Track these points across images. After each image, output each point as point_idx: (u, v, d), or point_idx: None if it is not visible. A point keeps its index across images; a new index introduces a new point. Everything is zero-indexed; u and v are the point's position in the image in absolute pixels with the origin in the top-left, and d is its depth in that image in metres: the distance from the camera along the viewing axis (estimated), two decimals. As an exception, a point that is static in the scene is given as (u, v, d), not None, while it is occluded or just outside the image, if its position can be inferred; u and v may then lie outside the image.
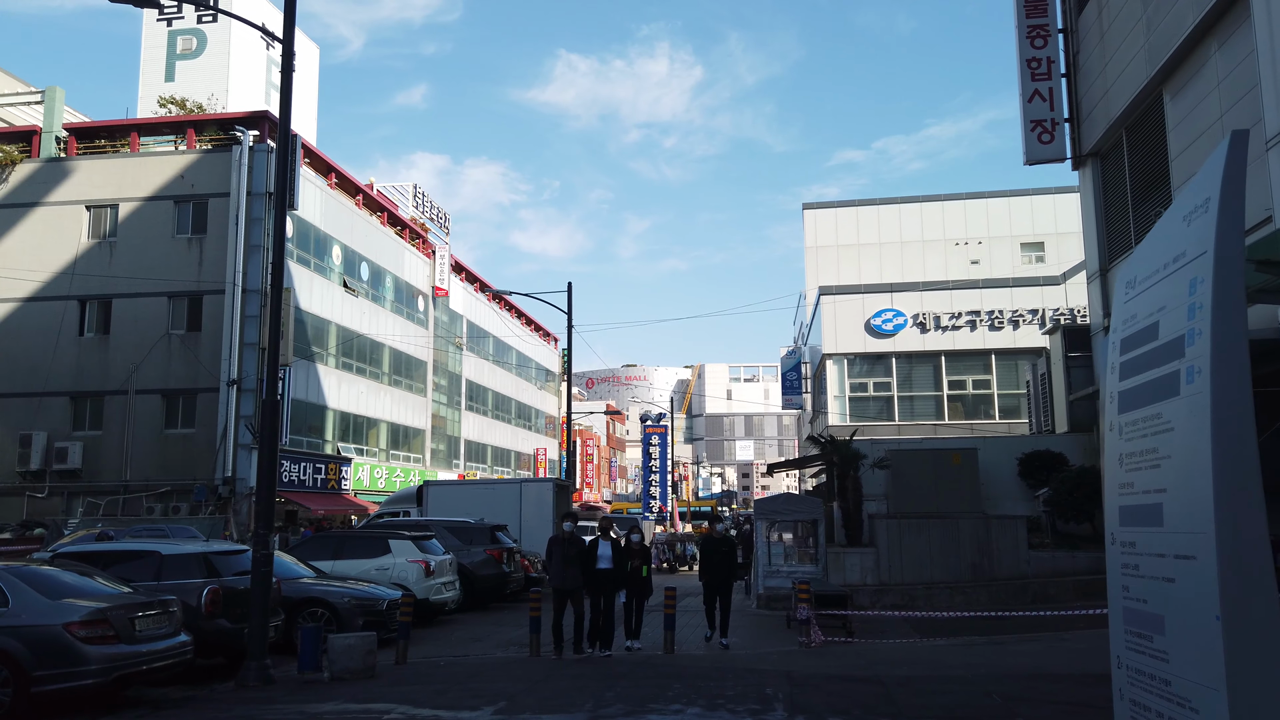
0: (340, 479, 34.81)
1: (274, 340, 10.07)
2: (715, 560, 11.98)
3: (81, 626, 7.63)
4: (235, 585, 10.02)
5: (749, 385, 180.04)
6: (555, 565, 11.21)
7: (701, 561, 12.28)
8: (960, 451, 17.47)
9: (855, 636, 11.71)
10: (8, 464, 30.65)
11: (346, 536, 15.01)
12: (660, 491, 30.39)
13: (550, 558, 11.39)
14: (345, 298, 37.02)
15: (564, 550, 11.18)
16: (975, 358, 29.96)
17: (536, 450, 64.92)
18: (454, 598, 14.95)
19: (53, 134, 33.03)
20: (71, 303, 31.67)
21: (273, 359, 9.94)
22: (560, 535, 11.49)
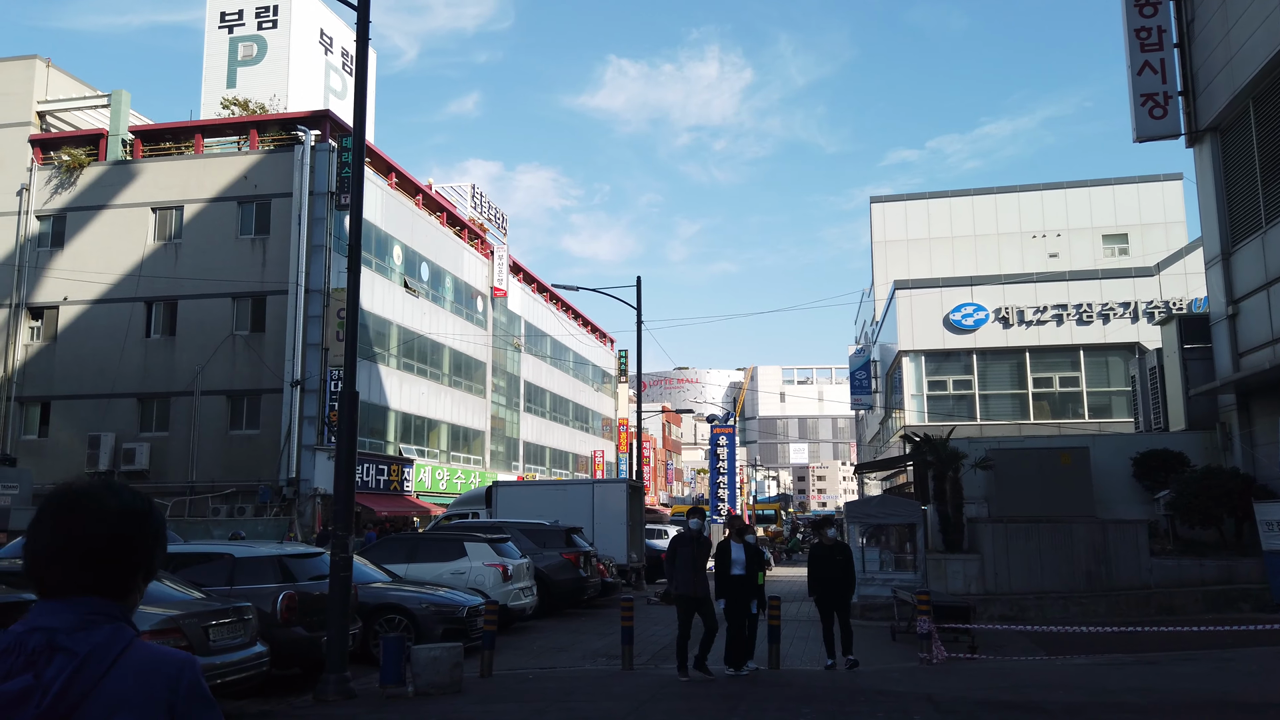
0: (403, 480, 34.44)
1: (351, 335, 9.39)
2: (830, 571, 10.46)
3: (153, 636, 6.95)
4: (311, 590, 9.33)
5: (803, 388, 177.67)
6: (681, 569, 9.78)
7: (813, 573, 10.77)
8: (1070, 450, 16.21)
9: (978, 652, 10.63)
10: (77, 465, 30.77)
11: (420, 539, 14.33)
12: (728, 494, 29.38)
13: (674, 560, 9.97)
14: (406, 298, 36.70)
15: (693, 551, 9.84)
16: (1062, 353, 28.42)
17: (594, 452, 64.29)
18: (531, 604, 14.17)
19: (119, 137, 33.23)
20: (138, 304, 31.75)
21: (350, 354, 9.25)
22: (688, 534, 10.11)
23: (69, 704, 1.50)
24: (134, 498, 1.70)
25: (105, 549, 1.62)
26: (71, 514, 1.63)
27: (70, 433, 31.35)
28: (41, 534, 1.64)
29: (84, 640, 1.55)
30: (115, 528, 1.64)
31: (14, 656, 1.52)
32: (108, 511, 1.64)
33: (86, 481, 1.73)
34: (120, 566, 1.64)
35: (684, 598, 9.82)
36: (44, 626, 1.55)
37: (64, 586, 1.60)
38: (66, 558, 1.60)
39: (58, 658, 1.52)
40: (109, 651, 1.55)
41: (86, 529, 1.62)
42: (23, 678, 1.50)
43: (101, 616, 1.59)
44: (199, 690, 1.60)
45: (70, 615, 1.57)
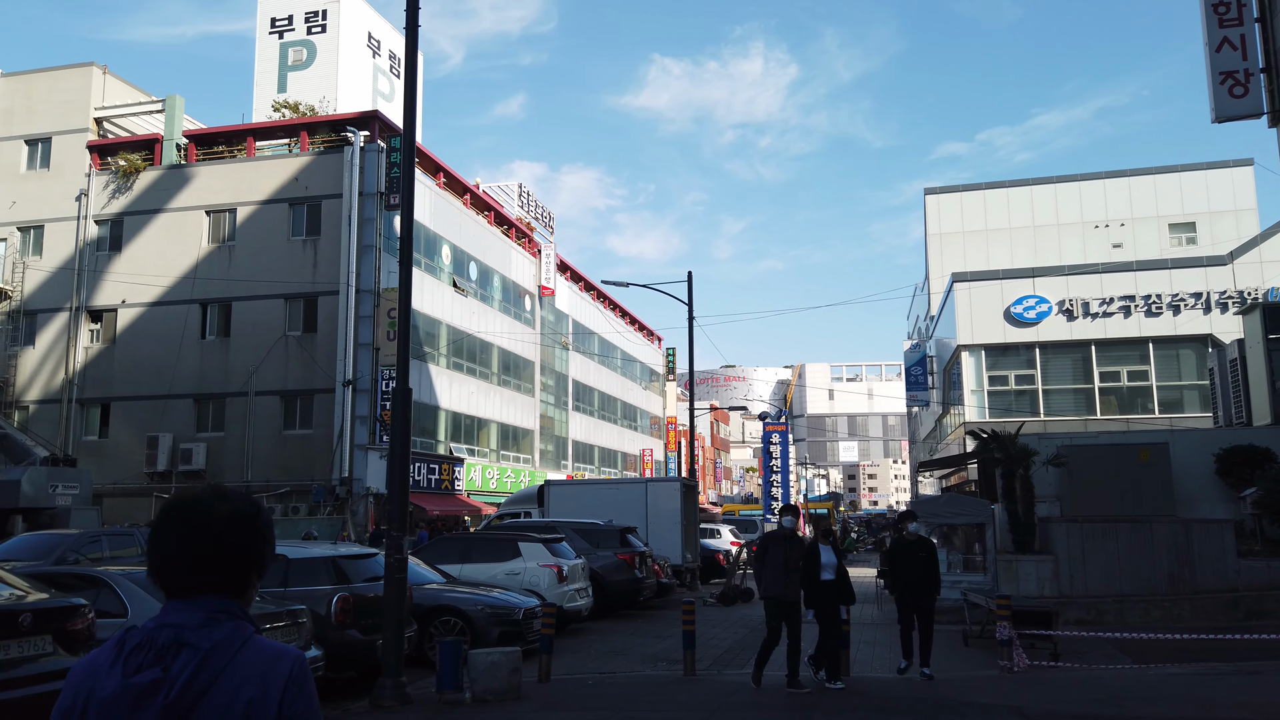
0: (454, 479, 34.43)
1: (403, 332, 9.13)
2: (913, 569, 9.70)
3: (205, 640, 6.74)
4: (366, 592, 9.09)
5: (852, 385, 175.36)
6: (771, 570, 8.97)
7: (894, 571, 10.11)
8: (1149, 447, 15.44)
9: (1060, 660, 10.03)
10: (136, 465, 31.25)
11: (474, 539, 14.07)
12: (782, 492, 28.81)
13: (763, 560, 9.17)
14: (455, 297, 36.70)
15: (785, 551, 9.03)
16: (1130, 346, 27.35)
17: (643, 451, 63.99)
18: (587, 605, 13.84)
19: (173, 141, 33.68)
20: (193, 306, 32.14)
21: (402, 351, 8.99)
22: (780, 532, 9.33)
23: (193, 695, 1.64)
24: (243, 503, 1.83)
25: (219, 552, 1.75)
26: (187, 521, 1.77)
27: (129, 433, 31.85)
28: (162, 540, 1.77)
29: (207, 636, 1.69)
30: (227, 532, 1.77)
31: (145, 651, 1.68)
32: (219, 518, 1.77)
33: (199, 490, 1.84)
34: (234, 567, 1.77)
35: (773, 600, 9.05)
36: (172, 623, 1.70)
37: (186, 588, 1.74)
38: (185, 562, 1.74)
39: (184, 653, 1.67)
40: (230, 647, 1.70)
41: (201, 535, 1.75)
42: (152, 671, 1.65)
43: (223, 614, 1.73)
44: (305, 681, 1.74)
45: (195, 613, 1.71)
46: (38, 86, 35.10)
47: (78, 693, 1.69)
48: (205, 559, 1.74)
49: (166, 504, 1.83)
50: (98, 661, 1.71)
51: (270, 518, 1.91)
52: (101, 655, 1.72)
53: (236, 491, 1.87)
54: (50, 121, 34.58)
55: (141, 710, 1.63)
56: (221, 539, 1.75)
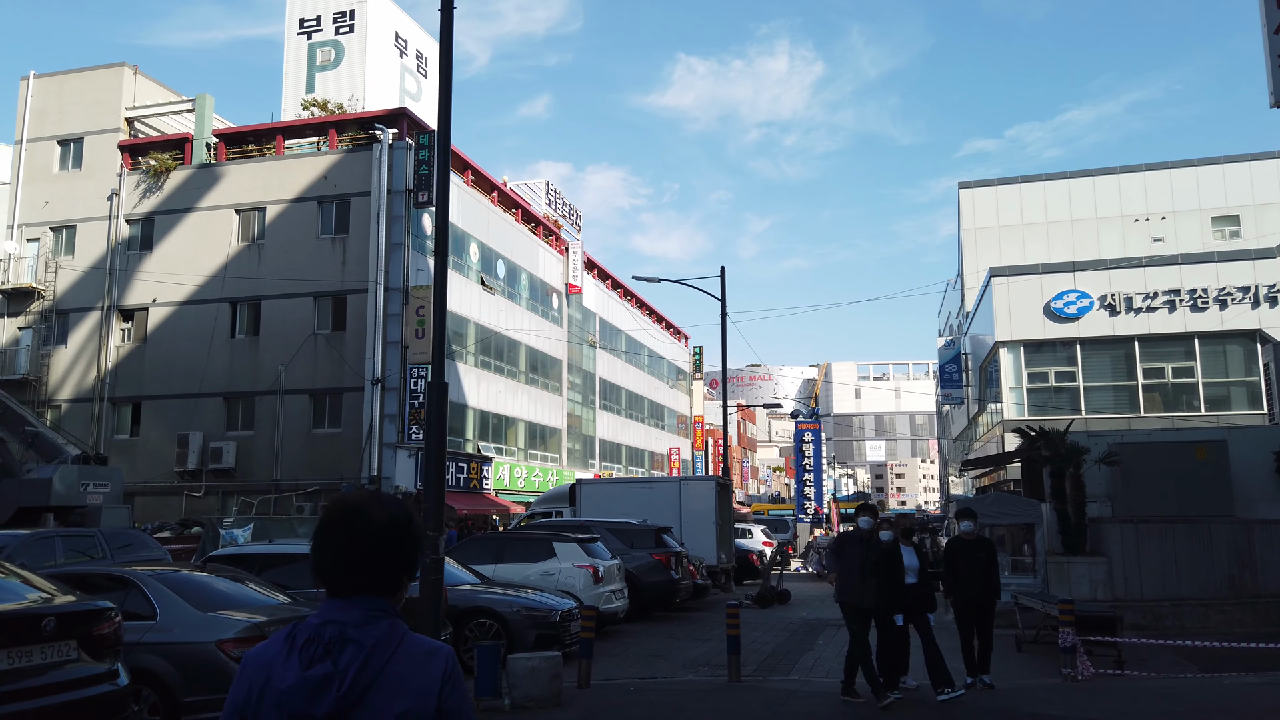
0: (482, 478, 34.24)
1: (439, 324, 8.83)
2: (971, 571, 8.94)
3: (237, 644, 6.45)
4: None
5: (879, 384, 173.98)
6: (850, 574, 8.28)
7: (950, 572, 9.28)
8: (1205, 444, 14.85)
9: (1124, 668, 9.54)
10: (166, 464, 31.33)
11: (507, 538, 13.74)
12: (815, 491, 28.30)
13: (842, 562, 8.44)
14: (483, 295, 36.52)
15: (864, 554, 8.27)
16: (1175, 342, 26.59)
17: (670, 450, 63.60)
18: (623, 607, 13.48)
19: (203, 140, 33.74)
20: (223, 305, 32.16)
21: (438, 343, 8.68)
22: (856, 533, 8.53)
23: (362, 687, 1.77)
24: (397, 509, 1.92)
25: (375, 555, 1.85)
26: (346, 526, 1.87)
27: (160, 432, 31.94)
28: (324, 543, 1.89)
29: (369, 633, 1.80)
30: (383, 536, 1.86)
31: (314, 646, 1.78)
32: (375, 523, 1.87)
33: (358, 495, 1.94)
34: (389, 569, 1.87)
35: (849, 607, 8.39)
36: (335, 620, 1.81)
37: (345, 587, 1.85)
38: (345, 563, 1.85)
39: (349, 648, 1.78)
40: (390, 643, 1.81)
41: (359, 539, 1.85)
42: (323, 665, 1.76)
43: (380, 612, 1.84)
44: (459, 675, 1.88)
45: (356, 611, 1.82)
46: (70, 87, 35.32)
47: (252, 684, 1.81)
48: (362, 561, 1.85)
49: (328, 509, 1.95)
50: (268, 654, 1.83)
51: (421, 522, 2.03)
52: (271, 648, 1.84)
53: (391, 497, 1.97)
54: (82, 122, 34.79)
55: (318, 701, 1.75)
56: (376, 543, 1.86)
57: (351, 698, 1.75)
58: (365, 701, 1.76)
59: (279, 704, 1.76)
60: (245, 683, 1.83)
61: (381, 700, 1.77)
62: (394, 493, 29.49)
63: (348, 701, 1.75)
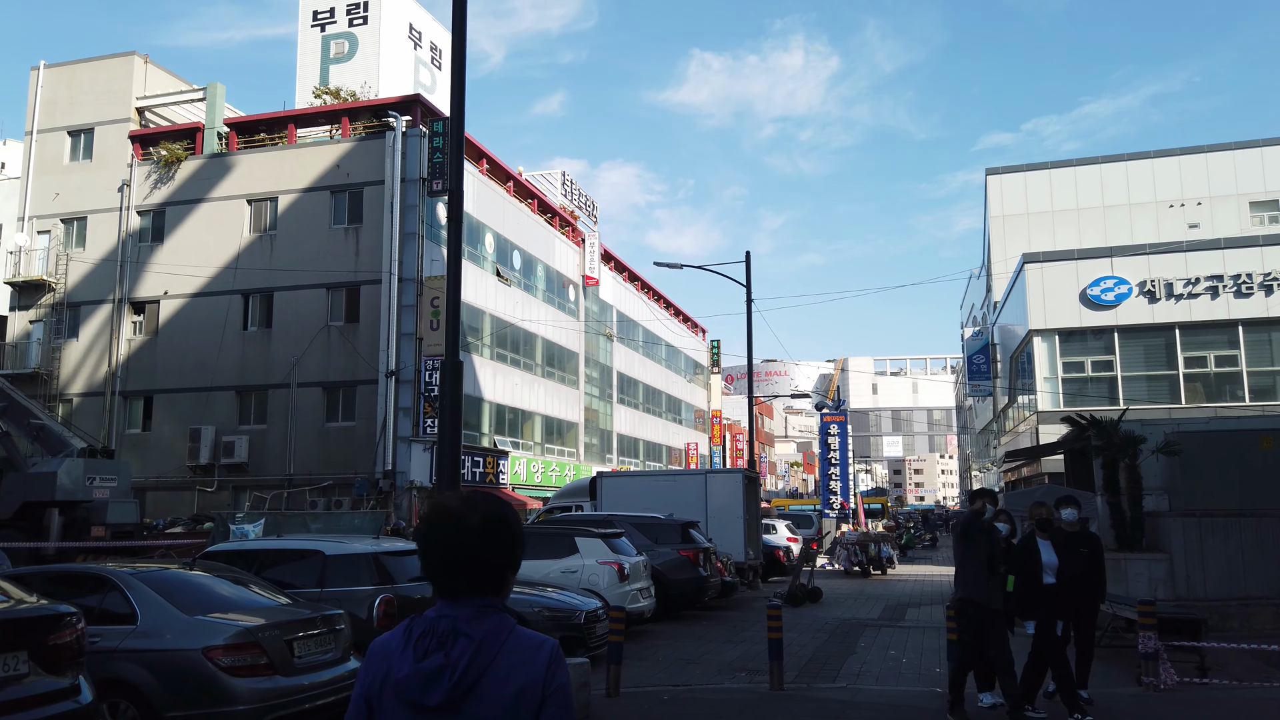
0: (498, 473, 33.56)
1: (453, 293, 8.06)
2: (1072, 569, 7.58)
3: (226, 652, 5.70)
4: (411, 594, 8.02)
5: (895, 379, 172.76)
6: (974, 570, 7.03)
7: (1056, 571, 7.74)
8: (1272, 433, 13.93)
9: (1209, 676, 8.67)
10: (178, 458, 30.80)
11: (527, 533, 12.97)
12: (841, 486, 27.41)
13: (966, 556, 7.17)
14: (499, 287, 35.80)
15: (990, 546, 7.03)
16: (1218, 329, 25.55)
17: (687, 444, 62.80)
18: (649, 607, 12.67)
19: (215, 130, 33.15)
20: (235, 297, 31.59)
21: (453, 318, 7.91)
22: (980, 523, 7.17)
23: (472, 678, 1.89)
24: (491, 508, 2.06)
25: (475, 556, 1.99)
26: (445, 531, 2.01)
27: (172, 426, 31.42)
28: (427, 548, 2.03)
29: (479, 627, 1.94)
30: (481, 537, 2.00)
31: (429, 639, 1.93)
32: (472, 525, 2.01)
33: (453, 498, 2.07)
34: (490, 568, 2.01)
35: (971, 604, 7.09)
36: (448, 615, 1.96)
37: (452, 587, 1.99)
38: (448, 564, 1.99)
39: (460, 641, 1.92)
40: (498, 636, 1.94)
41: (458, 542, 1.99)
42: (436, 657, 1.90)
43: (489, 608, 1.98)
44: (563, 665, 2.00)
45: (465, 607, 1.97)
46: (80, 77, 34.81)
47: (374, 674, 1.96)
48: (464, 563, 1.98)
49: (427, 515, 2.06)
50: (389, 646, 1.97)
51: (519, 519, 2.10)
52: (392, 640, 1.98)
53: (486, 498, 2.07)
54: (92, 112, 34.27)
55: (431, 690, 1.87)
56: (475, 544, 1.99)
57: (462, 688, 1.87)
58: (476, 691, 1.87)
59: (397, 693, 1.88)
60: (370, 671, 1.96)
61: (491, 690, 1.88)
62: (409, 487, 28.90)
63: (458, 691, 1.86)
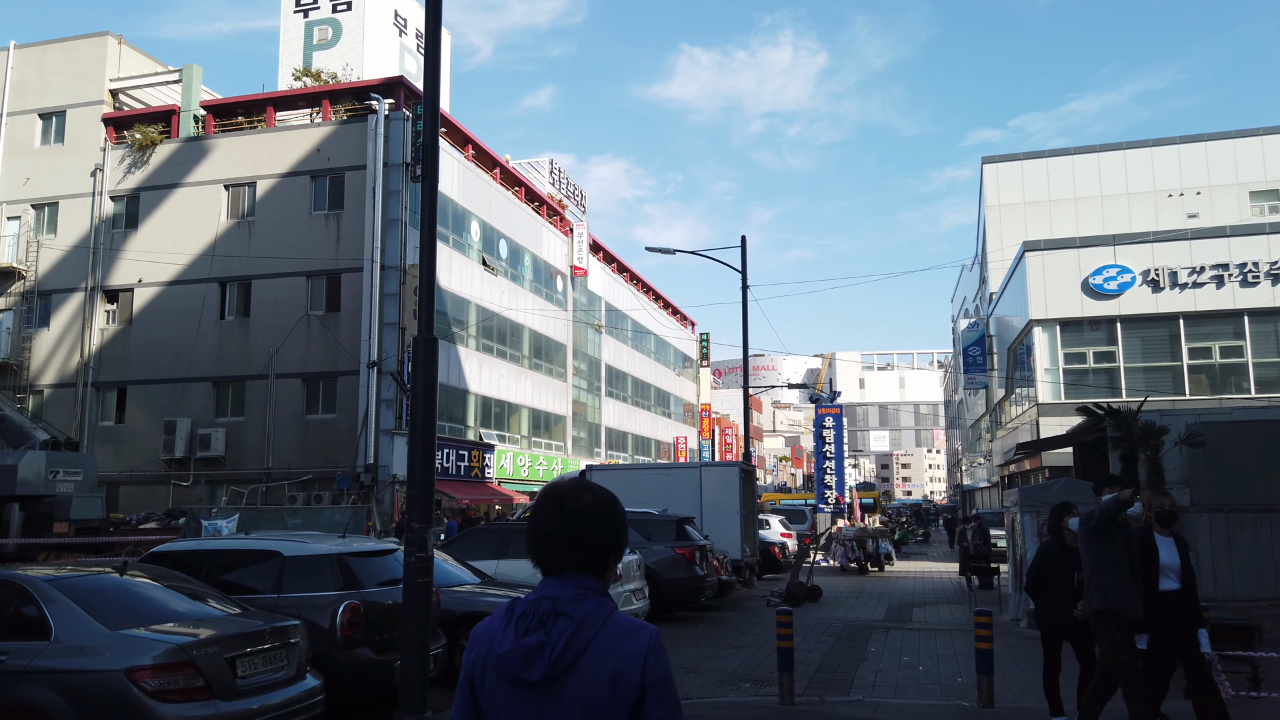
0: (484, 467, 32.69)
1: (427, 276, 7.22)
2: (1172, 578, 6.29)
3: (153, 673, 4.84)
4: (381, 600, 7.16)
5: (883, 374, 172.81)
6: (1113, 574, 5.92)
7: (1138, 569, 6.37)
8: (1301, 423, 13.25)
9: (1262, 689, 7.93)
10: (153, 451, 29.80)
11: (512, 530, 12.07)
12: (836, 480, 26.67)
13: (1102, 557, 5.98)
14: (484, 276, 34.89)
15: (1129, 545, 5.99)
16: (1223, 320, 24.92)
17: (677, 438, 62.06)
18: (643, 609, 11.83)
19: (191, 113, 32.07)
20: (212, 285, 30.56)
21: (427, 294, 7.06)
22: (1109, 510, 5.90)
23: (571, 656, 1.93)
24: (602, 495, 2.14)
25: (583, 538, 2.06)
26: (559, 509, 2.09)
27: (146, 418, 30.40)
28: (540, 524, 2.09)
29: (579, 608, 1.98)
30: (590, 520, 2.07)
31: (530, 618, 1.99)
32: (583, 507, 2.09)
33: (568, 482, 2.17)
34: (596, 551, 2.07)
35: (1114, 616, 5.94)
36: (549, 595, 2.01)
37: (558, 566, 2.05)
38: (557, 545, 2.06)
39: (560, 621, 1.97)
40: (597, 619, 1.98)
41: (570, 521, 2.07)
42: (537, 635, 1.96)
43: (589, 591, 2.02)
44: (662, 651, 2.04)
45: (568, 589, 2.01)
46: (51, 58, 33.62)
47: (477, 654, 2.03)
48: (573, 542, 2.04)
49: (543, 493, 2.15)
50: (491, 627, 2.04)
51: (623, 508, 2.20)
52: (494, 622, 2.05)
53: (596, 485, 2.19)
54: (64, 94, 33.11)
55: (531, 666, 1.93)
56: (584, 526, 2.05)
57: (561, 665, 1.92)
58: (575, 670, 1.92)
59: (498, 668, 1.97)
60: (473, 652, 2.05)
61: (589, 669, 1.93)
62: (391, 482, 27.99)
63: (558, 668, 1.92)
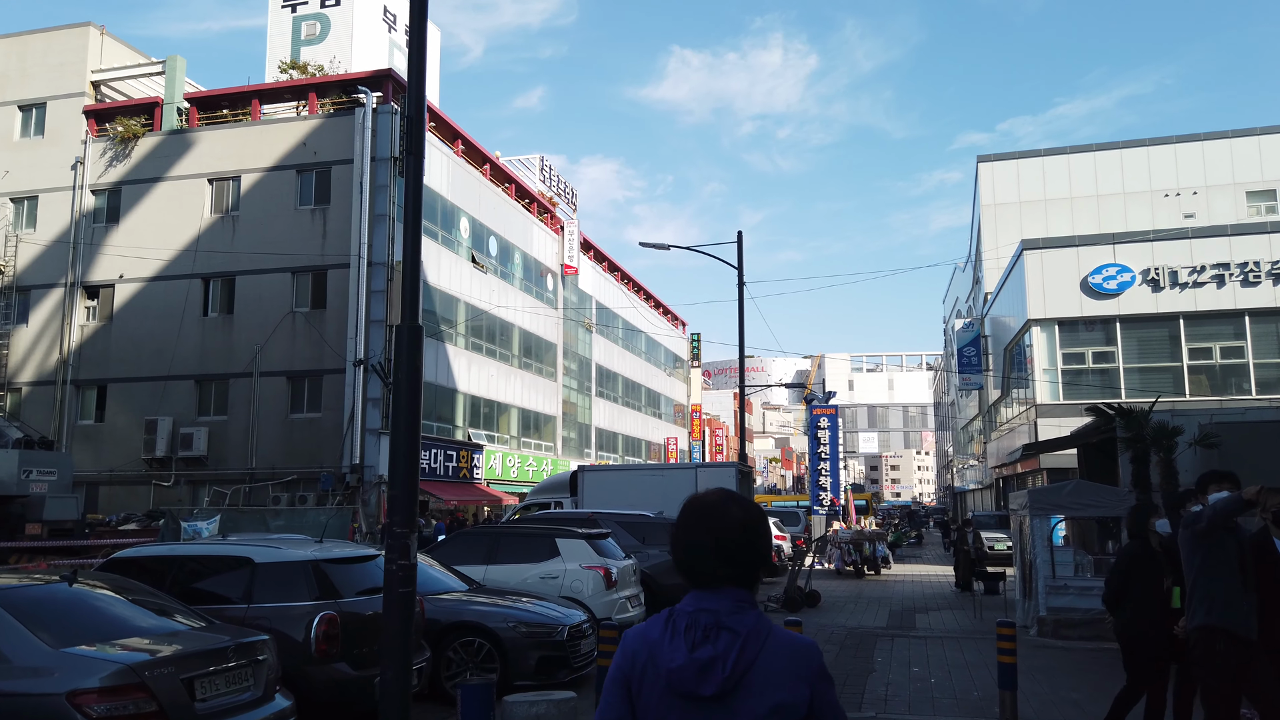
0: (472, 467, 32.12)
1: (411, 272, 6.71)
2: None
3: (100, 697, 4.30)
4: (360, 610, 6.63)
5: (871, 375, 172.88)
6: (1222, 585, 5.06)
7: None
8: (1318, 424, 12.85)
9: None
10: (133, 450, 29.11)
11: (501, 534, 11.52)
12: (831, 482, 26.24)
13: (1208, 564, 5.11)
14: (474, 273, 34.32)
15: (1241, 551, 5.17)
16: (1223, 320, 24.59)
17: (667, 439, 61.57)
18: (639, 616, 11.32)
19: (174, 105, 31.39)
20: (195, 281, 29.89)
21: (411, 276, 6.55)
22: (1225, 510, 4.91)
23: (740, 671, 1.90)
24: (751, 507, 2.09)
25: (736, 550, 2.01)
26: (711, 521, 2.03)
27: (127, 417, 29.72)
28: (693, 537, 2.04)
29: (740, 622, 1.94)
30: (743, 531, 2.02)
31: (694, 632, 1.94)
32: (734, 520, 2.04)
33: (715, 495, 2.09)
34: (748, 562, 2.02)
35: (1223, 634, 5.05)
36: (708, 609, 1.96)
37: (711, 579, 2.00)
38: (710, 557, 2.01)
39: (724, 635, 1.92)
40: (760, 633, 1.94)
41: (724, 534, 2.02)
42: (707, 648, 1.91)
43: (746, 604, 1.98)
44: (826, 671, 1.97)
45: (724, 602, 1.96)
46: (32, 48, 32.87)
47: (634, 660, 1.97)
48: (727, 555, 1.99)
49: (690, 507, 2.09)
50: (650, 635, 1.98)
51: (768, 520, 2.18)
52: (652, 631, 1.98)
53: (743, 497, 2.14)
54: (45, 86, 32.36)
55: (705, 681, 1.88)
56: (736, 538, 2.00)
57: (733, 680, 1.88)
58: (744, 686, 1.89)
59: (670, 683, 1.90)
60: (628, 656, 1.98)
61: (758, 686, 1.89)
62: (377, 483, 27.39)
63: (730, 684, 1.88)
